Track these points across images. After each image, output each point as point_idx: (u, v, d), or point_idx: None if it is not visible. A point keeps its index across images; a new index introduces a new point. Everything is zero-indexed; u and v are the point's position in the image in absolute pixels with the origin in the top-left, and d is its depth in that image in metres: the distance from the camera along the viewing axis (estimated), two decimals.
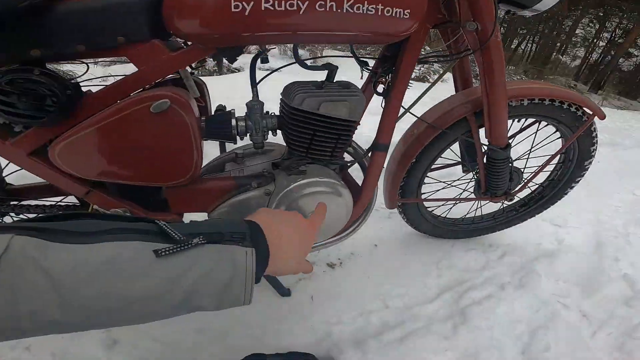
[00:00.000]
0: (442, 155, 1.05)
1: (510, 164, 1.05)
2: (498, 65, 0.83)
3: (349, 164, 0.87)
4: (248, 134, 0.74)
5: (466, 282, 1.13)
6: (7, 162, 0.67)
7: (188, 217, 0.73)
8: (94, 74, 0.76)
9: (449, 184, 1.25)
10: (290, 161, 0.73)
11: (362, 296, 1.03)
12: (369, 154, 0.83)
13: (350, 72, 0.96)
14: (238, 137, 0.74)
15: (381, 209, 1.42)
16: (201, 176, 0.77)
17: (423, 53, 0.87)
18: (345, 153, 0.93)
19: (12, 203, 0.83)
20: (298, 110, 0.69)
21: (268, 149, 0.80)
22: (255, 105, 0.72)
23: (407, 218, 1.20)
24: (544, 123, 1.07)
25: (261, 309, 0.95)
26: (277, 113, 0.76)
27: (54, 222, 0.32)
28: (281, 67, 0.78)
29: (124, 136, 0.61)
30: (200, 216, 0.82)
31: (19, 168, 0.67)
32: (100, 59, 0.61)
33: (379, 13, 0.62)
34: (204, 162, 0.85)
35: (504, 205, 1.29)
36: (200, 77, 0.86)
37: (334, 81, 0.75)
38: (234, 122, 0.71)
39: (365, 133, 1.25)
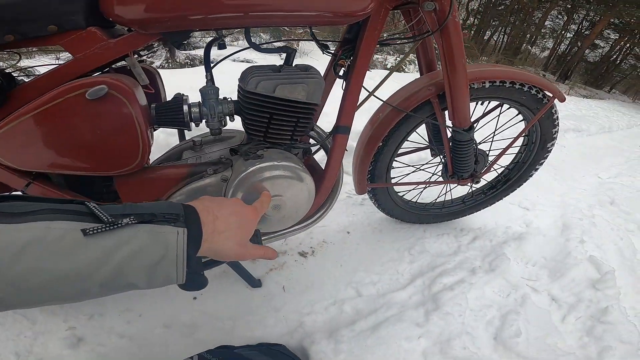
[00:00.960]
0: (409, 139, 1.06)
1: (474, 146, 1.06)
2: (457, 47, 0.83)
3: (312, 149, 0.85)
4: (204, 121, 0.71)
5: (438, 267, 1.14)
6: None
7: None
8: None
9: (417, 168, 1.25)
10: (247, 146, 0.71)
11: (335, 285, 1.02)
12: (331, 138, 0.81)
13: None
14: (193, 124, 0.71)
15: (353, 195, 1.42)
16: (156, 165, 0.74)
17: (385, 36, 0.86)
18: (310, 139, 0.92)
19: None
20: (253, 94, 0.66)
21: (227, 135, 0.78)
22: (209, 90, 0.69)
23: (377, 203, 1.20)
24: (506, 106, 1.09)
25: (232, 302, 0.93)
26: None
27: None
28: (235, 52, 0.75)
29: (61, 124, 0.57)
30: None
31: None
32: (35, 46, 0.56)
33: None
34: (163, 152, 0.81)
35: (472, 189, 1.31)
36: (155, 68, 0.81)
37: (293, 65, 0.73)
38: (185, 108, 0.68)
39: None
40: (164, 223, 0.36)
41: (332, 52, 0.82)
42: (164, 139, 1.44)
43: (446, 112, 0.97)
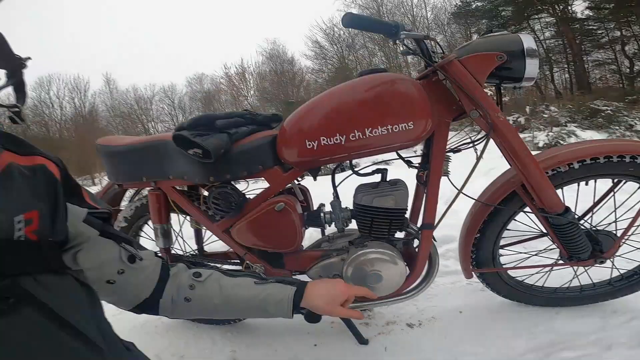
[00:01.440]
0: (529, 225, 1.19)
1: (581, 227, 1.10)
2: (514, 141, 1.02)
3: (410, 240, 1.16)
4: (333, 223, 1.15)
5: (562, 343, 1.10)
6: (210, 235, 1.26)
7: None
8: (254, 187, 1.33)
9: (533, 254, 1.30)
10: (359, 239, 1.09)
11: (434, 352, 1.16)
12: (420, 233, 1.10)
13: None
14: (327, 225, 1.16)
15: (474, 283, 1.49)
16: (306, 248, 1.21)
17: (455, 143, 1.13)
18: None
19: (206, 262, 1.43)
20: (359, 205, 1.07)
21: (348, 232, 1.19)
22: (335, 204, 1.13)
23: (491, 287, 1.30)
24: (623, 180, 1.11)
25: (341, 352, 1.21)
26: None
27: (228, 270, 0.76)
28: (347, 177, 1.18)
29: (263, 223, 1.11)
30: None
31: (216, 239, 1.25)
32: (251, 180, 1.16)
33: (391, 131, 0.98)
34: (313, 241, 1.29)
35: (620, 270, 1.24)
36: (304, 185, 1.32)
37: (387, 180, 1.11)
38: (322, 215, 1.14)
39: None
40: (287, 284, 0.67)
41: (416, 165, 1.15)
42: (312, 233, 1.96)
43: None
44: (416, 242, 1.15)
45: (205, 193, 1.24)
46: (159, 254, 0.66)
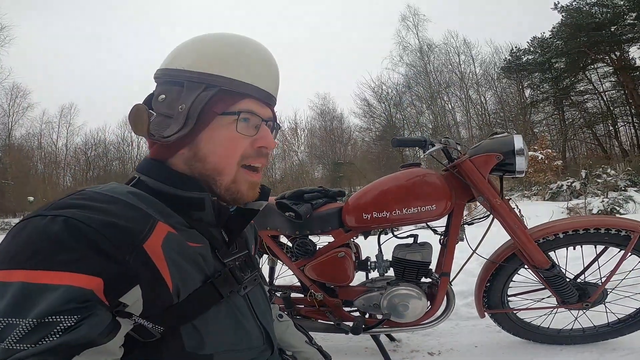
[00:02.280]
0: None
1: (566, 279, 1.48)
2: (509, 219, 1.46)
3: (433, 284, 1.60)
4: (376, 270, 1.64)
5: None
6: (284, 269, 1.80)
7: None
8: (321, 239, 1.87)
9: (536, 300, 1.66)
10: (394, 281, 1.57)
11: None
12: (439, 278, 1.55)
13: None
14: (371, 270, 1.65)
15: (492, 326, 1.85)
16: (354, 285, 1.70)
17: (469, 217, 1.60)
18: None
19: (276, 292, 1.95)
20: (396, 258, 1.56)
21: (386, 277, 1.67)
22: (379, 256, 1.64)
23: (502, 326, 1.67)
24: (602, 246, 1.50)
25: None
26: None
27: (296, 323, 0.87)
28: (388, 239, 1.68)
29: (329, 265, 1.62)
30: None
31: (290, 273, 1.78)
32: (322, 235, 1.71)
33: (420, 210, 1.48)
34: (360, 280, 1.78)
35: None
36: (357, 242, 1.83)
37: (418, 242, 1.59)
38: (368, 263, 1.64)
39: None
40: (322, 355, 0.82)
41: (439, 232, 1.62)
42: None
43: None
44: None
45: (285, 241, 1.80)
46: None
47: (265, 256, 1.90)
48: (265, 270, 2.00)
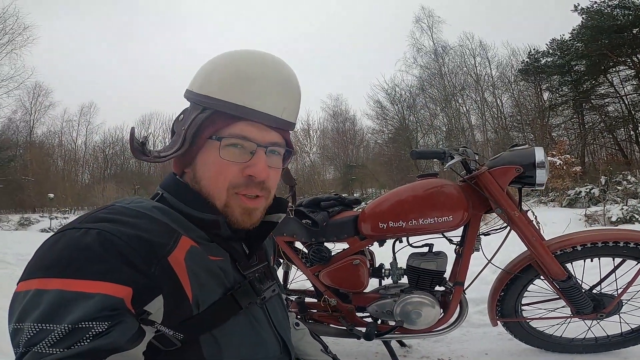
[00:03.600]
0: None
1: (582, 290, 1.48)
2: (527, 231, 1.47)
3: (446, 292, 1.61)
4: (390, 277, 1.65)
5: None
6: (299, 274, 1.84)
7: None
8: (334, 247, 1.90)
9: (550, 310, 1.66)
10: (408, 289, 1.58)
11: None
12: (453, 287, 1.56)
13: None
14: (385, 278, 1.67)
15: (504, 334, 1.85)
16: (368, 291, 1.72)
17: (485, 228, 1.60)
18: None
19: (290, 296, 1.98)
20: (411, 267, 1.57)
21: (400, 285, 1.68)
22: (393, 264, 1.65)
23: (515, 335, 1.67)
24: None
25: None
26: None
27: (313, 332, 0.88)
28: (402, 247, 1.70)
29: (343, 271, 1.65)
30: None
31: (304, 277, 1.81)
32: (338, 242, 1.73)
33: (436, 220, 1.49)
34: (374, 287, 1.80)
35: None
36: (372, 249, 1.85)
37: (433, 251, 1.60)
38: (382, 271, 1.66)
39: None
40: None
41: (454, 242, 1.63)
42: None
43: None
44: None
45: (301, 246, 1.83)
46: None
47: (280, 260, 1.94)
48: (279, 274, 2.04)
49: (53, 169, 26.42)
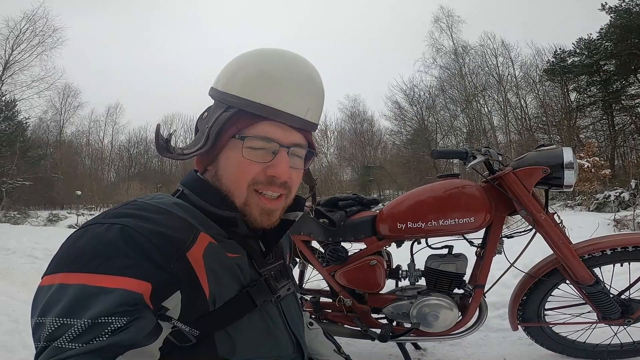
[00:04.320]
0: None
1: (608, 294, 1.41)
2: (553, 234, 1.41)
3: (466, 295, 1.57)
4: (407, 279, 1.62)
5: None
6: (315, 274, 1.83)
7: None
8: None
9: (575, 315, 1.60)
10: (425, 291, 1.55)
11: None
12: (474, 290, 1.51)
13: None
14: (402, 279, 1.64)
15: (524, 338, 1.78)
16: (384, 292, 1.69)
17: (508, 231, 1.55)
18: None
19: (305, 295, 1.97)
20: (430, 268, 1.54)
21: (417, 287, 1.65)
22: (410, 266, 1.62)
23: (536, 340, 1.62)
24: None
25: None
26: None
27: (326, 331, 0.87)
28: (421, 249, 1.66)
29: (360, 271, 1.63)
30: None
31: (319, 277, 1.80)
32: (357, 242, 1.71)
33: (457, 222, 1.45)
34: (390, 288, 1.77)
35: None
36: (389, 250, 1.83)
37: (453, 253, 1.56)
38: (400, 272, 1.63)
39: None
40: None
41: (475, 245, 1.59)
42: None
43: None
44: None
45: (317, 245, 1.83)
46: None
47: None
48: (295, 273, 2.04)
49: (81, 167, 27.55)
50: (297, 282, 2.03)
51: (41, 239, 6.01)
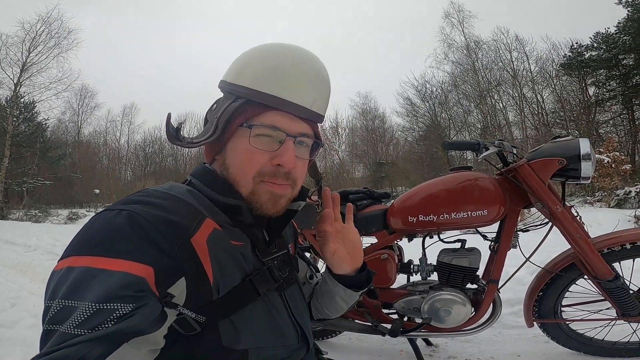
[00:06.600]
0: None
1: (628, 290, 1.37)
2: (571, 227, 1.37)
3: (479, 290, 1.54)
4: (418, 273, 1.61)
5: None
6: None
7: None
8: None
9: (593, 312, 1.55)
10: (437, 286, 1.53)
11: None
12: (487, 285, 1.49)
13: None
14: (413, 274, 1.62)
15: (540, 335, 1.74)
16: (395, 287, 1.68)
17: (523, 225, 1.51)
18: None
19: None
20: (442, 263, 1.52)
21: (429, 281, 1.63)
22: (422, 260, 1.60)
23: (552, 337, 1.58)
24: None
25: None
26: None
27: None
28: (433, 243, 1.64)
29: (371, 266, 1.56)
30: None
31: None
32: (366, 236, 1.70)
33: (470, 215, 1.42)
34: (401, 283, 1.76)
35: None
36: (400, 244, 1.81)
37: (466, 247, 1.54)
38: (411, 266, 1.61)
39: None
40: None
41: (489, 239, 1.55)
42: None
43: None
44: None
45: None
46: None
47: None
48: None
49: (99, 166, 28.34)
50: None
51: (61, 236, 6.20)
